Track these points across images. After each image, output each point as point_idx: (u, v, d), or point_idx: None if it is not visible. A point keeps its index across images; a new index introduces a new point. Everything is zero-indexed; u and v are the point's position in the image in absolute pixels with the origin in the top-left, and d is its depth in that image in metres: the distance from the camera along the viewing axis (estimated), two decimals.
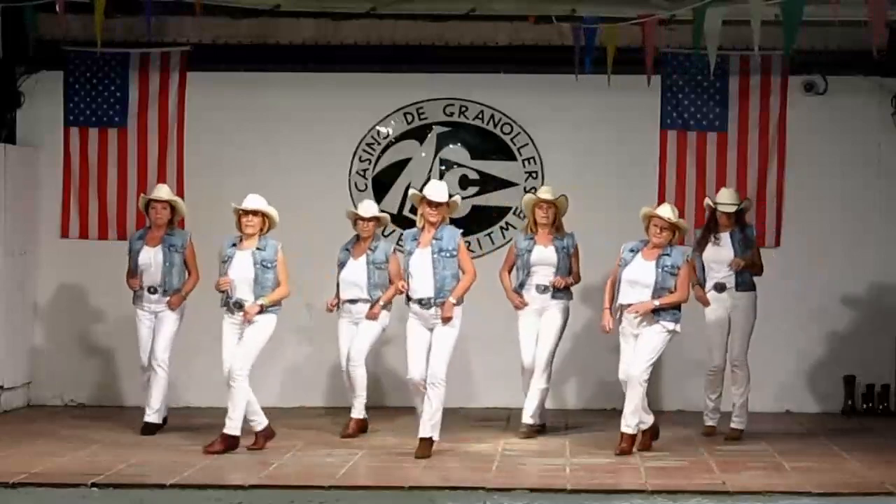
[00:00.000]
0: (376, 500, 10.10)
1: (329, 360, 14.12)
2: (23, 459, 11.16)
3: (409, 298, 11.61)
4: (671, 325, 11.53)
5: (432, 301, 11.50)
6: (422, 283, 11.53)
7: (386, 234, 13.55)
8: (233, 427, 11.60)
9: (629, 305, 11.55)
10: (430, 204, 11.57)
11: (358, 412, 12.71)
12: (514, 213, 14.49)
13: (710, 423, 12.75)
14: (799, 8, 10.15)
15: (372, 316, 12.63)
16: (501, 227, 14.42)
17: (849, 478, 10.65)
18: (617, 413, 13.95)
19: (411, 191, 12.13)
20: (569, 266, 12.67)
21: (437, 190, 11.65)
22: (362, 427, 12.70)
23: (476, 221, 14.39)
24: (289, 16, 13.92)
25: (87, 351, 14.52)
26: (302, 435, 12.42)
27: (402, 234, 14.18)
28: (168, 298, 12.58)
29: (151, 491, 10.10)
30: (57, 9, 10.97)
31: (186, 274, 12.68)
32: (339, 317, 12.77)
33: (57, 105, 14.48)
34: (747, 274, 12.59)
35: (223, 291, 11.69)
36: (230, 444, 11.58)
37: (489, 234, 14.31)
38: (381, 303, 12.64)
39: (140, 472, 10.68)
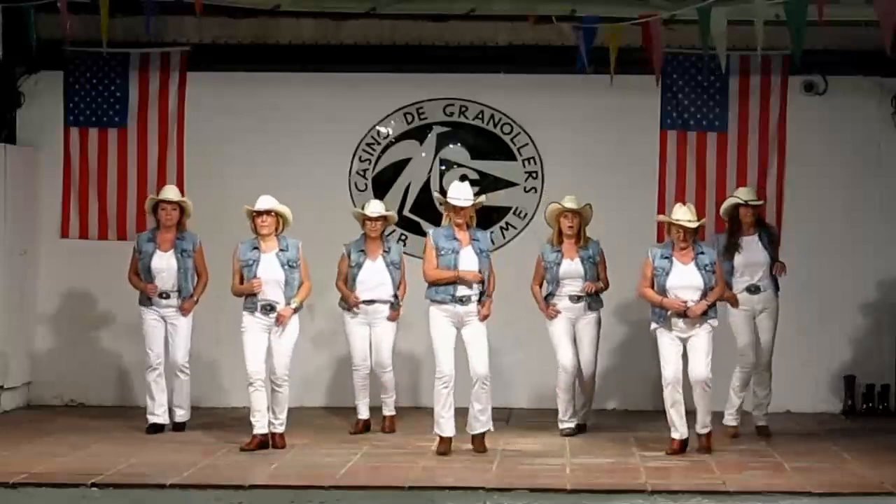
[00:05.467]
0: (376, 500, 10.10)
1: (329, 360, 14.14)
2: (23, 459, 11.17)
3: (447, 294, 11.58)
4: (715, 322, 11.74)
5: (473, 298, 11.61)
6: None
7: (386, 233, 13.51)
8: (280, 426, 11.91)
9: (682, 312, 11.64)
10: (455, 209, 11.63)
11: (390, 409, 12.90)
12: (514, 213, 14.49)
13: (734, 423, 12.73)
14: (802, 9, 10.14)
15: (394, 317, 12.74)
16: (501, 228, 14.42)
17: (849, 478, 10.66)
18: (617, 413, 14.01)
19: (436, 194, 12.21)
20: (596, 274, 12.69)
21: (461, 194, 11.69)
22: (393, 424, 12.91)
23: (476, 221, 14.36)
24: (289, 16, 13.92)
25: (87, 351, 14.51)
26: (302, 435, 12.41)
27: (400, 235, 14.26)
28: (181, 304, 12.66)
29: (151, 491, 10.10)
30: (59, 6, 10.97)
31: (196, 277, 12.74)
32: (349, 316, 12.79)
33: (57, 105, 14.48)
34: (774, 276, 12.72)
35: (253, 294, 11.78)
36: (281, 443, 11.89)
37: (489, 235, 14.27)
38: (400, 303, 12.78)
39: (140, 472, 10.69)
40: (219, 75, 14.46)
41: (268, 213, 11.83)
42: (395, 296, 12.75)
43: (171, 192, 12.82)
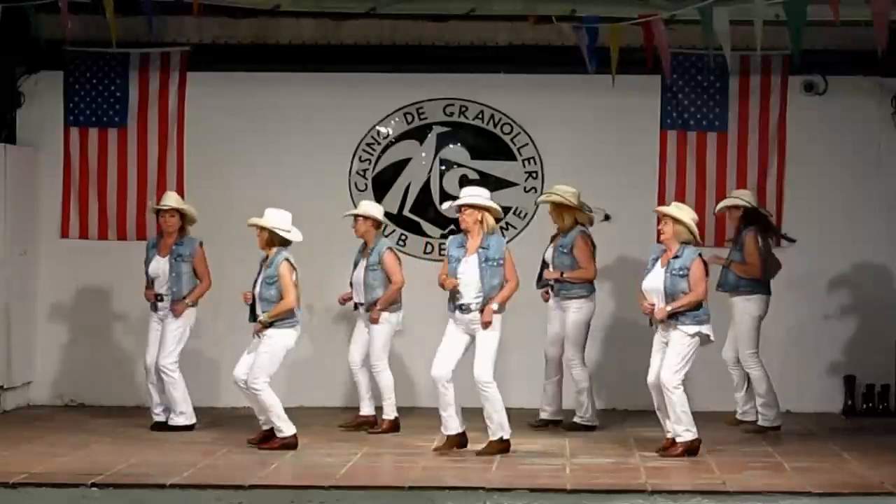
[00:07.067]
0: (376, 500, 10.10)
1: (329, 360, 14.13)
2: (23, 459, 11.16)
3: (453, 303, 11.63)
4: (691, 329, 11.45)
5: (472, 307, 11.54)
6: (467, 289, 11.55)
7: (386, 234, 13.52)
8: (275, 428, 11.85)
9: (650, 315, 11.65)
10: (459, 210, 11.66)
11: (385, 412, 12.83)
12: (514, 213, 14.48)
13: (740, 417, 13.13)
14: (802, 9, 10.15)
15: (373, 320, 12.72)
16: (502, 228, 14.38)
17: (849, 478, 10.65)
18: (617, 413, 14.01)
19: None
20: (572, 263, 12.84)
21: (464, 194, 11.76)
22: (394, 426, 12.81)
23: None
24: (289, 16, 13.93)
25: (87, 351, 14.51)
26: (302, 435, 12.39)
27: (400, 235, 14.27)
28: (171, 306, 12.75)
29: (151, 491, 10.09)
30: (59, 5, 10.97)
31: (198, 281, 12.79)
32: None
33: (57, 105, 14.48)
34: (742, 277, 12.92)
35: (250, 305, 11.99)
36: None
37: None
38: (378, 306, 12.69)
39: (140, 472, 10.68)
40: (219, 75, 14.45)
41: (259, 228, 11.84)
42: (375, 299, 12.69)
43: (170, 199, 12.88)
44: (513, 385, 13.95)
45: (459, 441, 11.69)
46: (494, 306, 11.48)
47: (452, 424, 11.67)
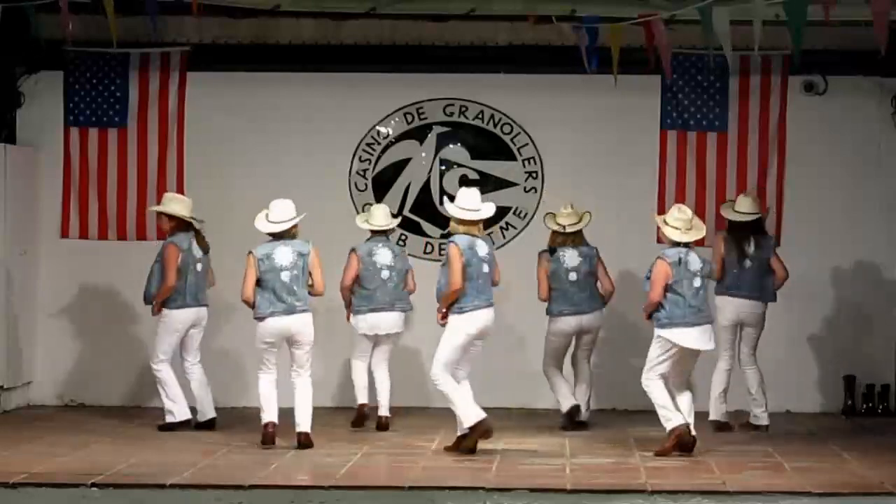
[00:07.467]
0: (376, 500, 10.10)
1: (328, 360, 14.12)
2: (23, 459, 11.17)
3: None
4: (656, 332, 11.57)
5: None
6: None
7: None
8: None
9: None
10: None
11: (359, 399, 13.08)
12: (514, 214, 14.48)
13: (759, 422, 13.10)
14: (802, 9, 10.16)
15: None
16: (501, 228, 14.41)
17: (849, 478, 10.66)
18: (617, 413, 14.01)
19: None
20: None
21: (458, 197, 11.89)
22: (363, 412, 13.00)
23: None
24: (289, 16, 13.93)
25: (87, 351, 14.52)
26: None
27: (400, 235, 14.27)
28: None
29: (151, 491, 10.09)
30: (59, 5, 10.97)
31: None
32: None
33: (57, 105, 14.48)
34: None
35: None
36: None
37: (489, 234, 14.26)
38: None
39: (140, 472, 10.68)
40: (219, 75, 14.46)
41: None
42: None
43: (163, 203, 12.89)
44: (516, 385, 14.01)
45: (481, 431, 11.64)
46: (437, 306, 11.61)
47: (458, 419, 11.69)
